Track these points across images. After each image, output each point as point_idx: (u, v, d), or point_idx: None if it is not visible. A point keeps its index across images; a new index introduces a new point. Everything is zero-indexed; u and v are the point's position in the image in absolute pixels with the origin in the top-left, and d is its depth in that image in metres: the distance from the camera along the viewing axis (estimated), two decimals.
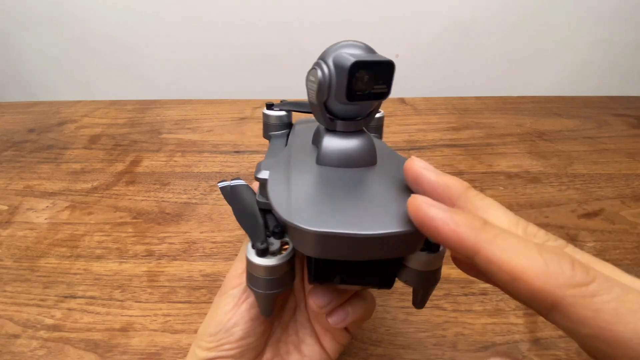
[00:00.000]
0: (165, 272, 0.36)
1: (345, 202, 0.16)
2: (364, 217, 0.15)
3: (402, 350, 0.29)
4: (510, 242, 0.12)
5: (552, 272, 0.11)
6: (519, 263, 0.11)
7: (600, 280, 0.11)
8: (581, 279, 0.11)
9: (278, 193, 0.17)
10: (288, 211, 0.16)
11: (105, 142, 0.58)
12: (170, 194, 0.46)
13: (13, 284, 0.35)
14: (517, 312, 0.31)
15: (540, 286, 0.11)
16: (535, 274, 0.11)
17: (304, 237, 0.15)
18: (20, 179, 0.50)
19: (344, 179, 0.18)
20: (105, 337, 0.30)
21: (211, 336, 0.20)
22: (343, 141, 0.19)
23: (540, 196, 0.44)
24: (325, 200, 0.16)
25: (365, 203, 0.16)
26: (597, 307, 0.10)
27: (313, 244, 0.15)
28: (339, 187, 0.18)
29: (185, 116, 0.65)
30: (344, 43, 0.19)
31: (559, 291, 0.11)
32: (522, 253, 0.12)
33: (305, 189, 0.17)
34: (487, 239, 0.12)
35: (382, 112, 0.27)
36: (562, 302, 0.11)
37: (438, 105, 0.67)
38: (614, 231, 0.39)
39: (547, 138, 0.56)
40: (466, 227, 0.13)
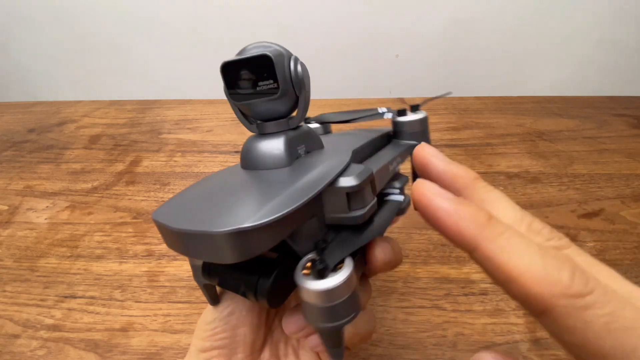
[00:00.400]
0: (165, 272, 0.36)
1: (203, 204, 0.16)
2: (196, 216, 0.15)
3: (402, 350, 0.29)
4: (512, 242, 0.12)
5: (550, 278, 0.11)
6: (517, 265, 0.11)
7: (598, 292, 0.11)
8: (578, 289, 0.11)
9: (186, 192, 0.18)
10: (157, 210, 0.16)
11: (105, 142, 0.58)
12: (170, 194, 0.46)
13: (13, 284, 0.35)
14: (517, 312, 0.31)
15: (536, 291, 0.11)
16: (533, 278, 0.11)
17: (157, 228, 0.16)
18: (20, 179, 0.50)
19: (231, 180, 0.18)
20: (105, 337, 0.30)
21: (207, 324, 0.21)
22: (254, 143, 0.19)
23: (540, 196, 0.44)
24: (190, 201, 0.17)
25: (219, 203, 0.16)
26: (589, 320, 0.10)
27: (160, 233, 0.15)
28: (218, 190, 0.17)
29: (185, 116, 0.65)
30: (249, 46, 0.18)
31: (554, 299, 0.11)
32: (523, 255, 0.11)
33: (192, 191, 0.18)
34: (488, 236, 0.12)
35: (424, 114, 0.24)
36: (554, 309, 0.11)
37: (438, 105, 0.67)
38: (614, 231, 0.39)
39: (547, 138, 0.56)
40: (469, 221, 0.12)
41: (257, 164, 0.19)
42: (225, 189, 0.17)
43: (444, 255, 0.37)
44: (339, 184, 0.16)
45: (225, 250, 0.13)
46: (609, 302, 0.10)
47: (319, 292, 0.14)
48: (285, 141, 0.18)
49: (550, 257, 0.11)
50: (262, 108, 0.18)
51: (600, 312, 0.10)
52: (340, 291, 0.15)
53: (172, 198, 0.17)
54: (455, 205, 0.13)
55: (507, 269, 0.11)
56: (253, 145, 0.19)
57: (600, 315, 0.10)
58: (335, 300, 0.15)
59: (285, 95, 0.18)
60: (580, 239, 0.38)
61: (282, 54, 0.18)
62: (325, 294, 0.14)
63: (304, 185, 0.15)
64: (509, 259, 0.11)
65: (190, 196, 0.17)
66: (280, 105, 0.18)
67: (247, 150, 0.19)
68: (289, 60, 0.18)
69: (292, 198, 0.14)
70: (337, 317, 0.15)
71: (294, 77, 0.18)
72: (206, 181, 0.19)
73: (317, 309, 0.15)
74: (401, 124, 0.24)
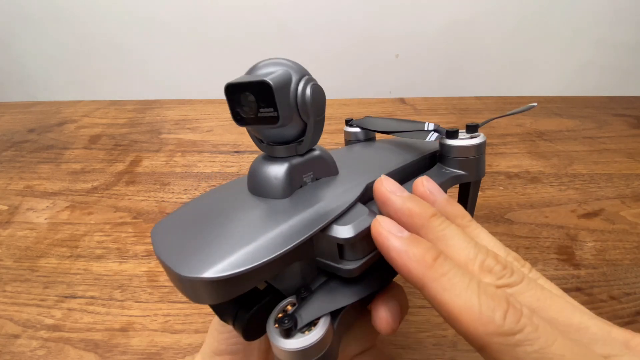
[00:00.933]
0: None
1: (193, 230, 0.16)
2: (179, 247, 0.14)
3: (402, 350, 0.29)
4: (453, 283, 0.12)
5: (483, 318, 0.12)
6: (456, 305, 0.12)
7: (528, 330, 0.11)
8: (509, 328, 0.11)
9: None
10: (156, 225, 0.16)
11: (105, 142, 0.58)
12: (170, 194, 0.46)
13: (13, 284, 0.35)
14: None
15: (472, 330, 0.12)
16: (469, 317, 0.12)
17: None
18: (20, 179, 0.50)
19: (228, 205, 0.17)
20: (105, 337, 0.30)
21: (224, 326, 0.20)
22: (259, 166, 0.18)
23: (540, 196, 0.44)
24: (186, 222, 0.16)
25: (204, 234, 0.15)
26: (520, 356, 0.11)
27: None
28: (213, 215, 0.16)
29: (185, 116, 0.65)
30: (261, 63, 0.17)
31: (487, 337, 0.11)
32: (462, 295, 0.12)
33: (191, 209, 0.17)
34: (432, 276, 0.13)
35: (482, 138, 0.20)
36: (489, 347, 0.11)
37: (438, 105, 0.67)
38: (614, 231, 0.39)
39: (547, 138, 0.56)
40: (416, 262, 0.13)
41: (258, 190, 0.18)
42: (218, 216, 0.16)
43: None
44: (331, 233, 0.15)
45: (194, 292, 0.13)
46: (538, 339, 0.11)
47: (283, 351, 0.14)
48: (287, 170, 0.17)
49: (486, 297, 0.12)
50: (269, 132, 0.17)
51: (530, 349, 0.11)
52: (309, 353, 0.14)
53: (173, 213, 0.17)
54: (405, 245, 0.13)
55: (448, 307, 0.12)
56: (257, 168, 0.18)
57: (530, 352, 0.11)
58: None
59: (288, 124, 0.16)
60: (580, 239, 0.38)
61: (288, 77, 0.16)
62: (290, 354, 0.14)
63: (291, 228, 0.14)
64: (449, 299, 0.12)
65: (187, 215, 0.17)
66: (287, 131, 0.17)
67: (252, 171, 0.18)
68: (297, 85, 0.16)
69: (271, 246, 0.13)
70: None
71: (301, 104, 0.16)
72: (210, 197, 0.18)
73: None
74: (448, 148, 0.20)
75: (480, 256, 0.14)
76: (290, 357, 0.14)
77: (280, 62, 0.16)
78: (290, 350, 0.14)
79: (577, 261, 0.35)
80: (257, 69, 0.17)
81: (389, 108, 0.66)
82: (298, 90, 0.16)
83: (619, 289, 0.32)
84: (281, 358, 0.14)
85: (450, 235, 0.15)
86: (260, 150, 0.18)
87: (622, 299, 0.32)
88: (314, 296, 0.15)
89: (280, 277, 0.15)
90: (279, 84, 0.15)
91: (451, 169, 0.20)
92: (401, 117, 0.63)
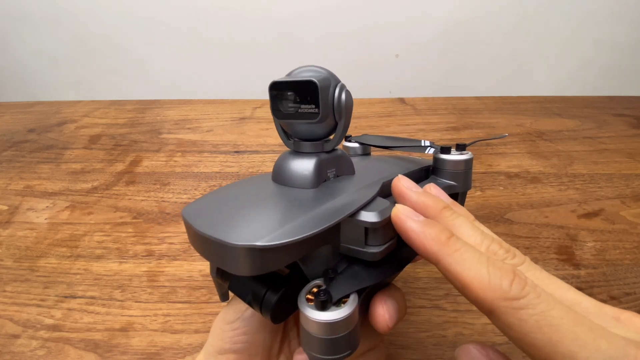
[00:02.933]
0: (165, 272, 0.36)
1: (229, 210, 0.17)
2: (218, 222, 0.15)
3: (402, 350, 0.29)
4: (464, 258, 0.14)
5: (492, 285, 0.13)
6: (468, 275, 0.14)
7: (531, 296, 0.13)
8: (514, 294, 0.13)
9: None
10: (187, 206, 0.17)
11: (105, 142, 0.58)
12: (170, 194, 0.46)
13: (13, 284, 0.35)
14: None
15: (482, 296, 0.13)
16: (479, 285, 0.13)
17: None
18: (20, 179, 0.50)
19: (258, 194, 0.19)
20: (105, 337, 0.30)
21: (228, 324, 0.21)
22: (288, 159, 0.19)
23: (540, 196, 0.44)
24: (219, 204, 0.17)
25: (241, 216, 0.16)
26: (523, 318, 0.13)
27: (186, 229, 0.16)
28: (245, 200, 0.18)
29: (185, 116, 0.65)
30: (300, 69, 0.19)
31: (495, 302, 0.13)
32: (473, 268, 0.14)
33: (223, 193, 0.19)
34: (447, 252, 0.15)
35: (470, 155, 0.23)
36: (496, 310, 0.13)
37: (438, 105, 0.67)
38: (614, 231, 0.39)
39: (547, 138, 0.56)
40: (432, 241, 0.15)
41: (286, 180, 0.19)
42: (252, 199, 0.18)
43: None
44: (359, 217, 0.16)
45: (237, 263, 0.14)
46: (540, 304, 0.13)
47: (318, 322, 0.15)
48: (317, 163, 0.19)
49: (494, 268, 0.14)
50: (302, 128, 0.19)
51: (532, 312, 0.13)
52: (340, 327, 0.15)
53: (205, 196, 0.18)
54: (422, 226, 0.15)
55: (461, 278, 0.14)
56: (286, 161, 0.19)
57: (532, 315, 0.12)
58: (333, 335, 0.15)
59: (324, 121, 0.18)
60: (580, 239, 0.38)
61: (328, 81, 0.18)
62: (324, 326, 0.15)
63: (324, 212, 0.16)
64: (462, 270, 0.14)
65: (220, 198, 0.18)
66: (319, 128, 0.19)
67: (279, 164, 0.20)
68: (334, 88, 0.18)
69: (310, 224, 0.15)
70: (332, 351, 0.15)
71: (336, 105, 0.18)
72: (238, 186, 0.20)
73: (314, 339, 0.15)
74: (442, 162, 0.23)
75: (486, 241, 0.16)
76: (324, 329, 0.15)
77: (318, 69, 0.19)
78: (326, 321, 0.15)
79: (577, 261, 0.35)
80: (298, 73, 0.19)
81: (389, 108, 0.66)
82: (335, 93, 0.18)
83: (619, 289, 0.33)
84: (313, 332, 0.15)
85: (459, 224, 0.16)
86: (287, 146, 0.20)
87: (622, 299, 0.32)
88: (342, 276, 0.16)
89: (309, 260, 0.16)
90: (323, 85, 0.17)
91: (444, 180, 0.23)
92: (401, 117, 0.63)
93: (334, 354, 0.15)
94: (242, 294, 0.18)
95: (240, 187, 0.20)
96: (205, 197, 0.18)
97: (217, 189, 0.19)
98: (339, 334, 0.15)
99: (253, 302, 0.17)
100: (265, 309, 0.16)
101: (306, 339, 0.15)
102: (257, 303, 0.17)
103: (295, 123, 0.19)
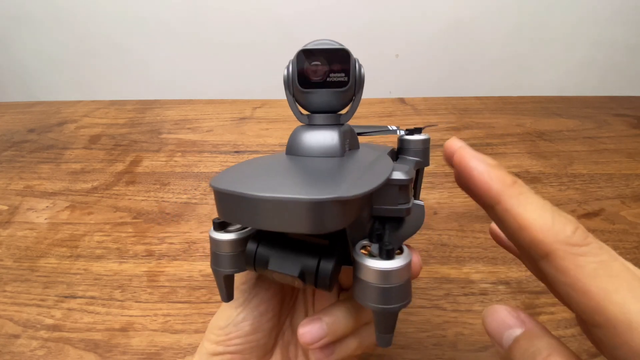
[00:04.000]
0: (165, 272, 0.36)
1: (267, 175, 0.17)
2: (273, 186, 0.15)
3: (402, 350, 0.29)
4: (530, 200, 0.14)
5: (555, 229, 0.13)
6: (530, 216, 0.14)
7: (594, 245, 0.13)
8: (577, 240, 0.13)
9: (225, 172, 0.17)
10: (215, 178, 0.16)
11: (105, 142, 0.58)
12: (170, 194, 0.46)
13: (13, 284, 0.35)
14: None
15: (542, 237, 0.13)
16: (541, 227, 0.13)
17: (215, 196, 0.15)
18: (20, 179, 0.50)
19: (290, 162, 0.19)
20: (105, 337, 0.30)
21: (220, 329, 0.21)
22: (307, 133, 0.20)
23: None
24: (253, 173, 0.17)
25: (285, 178, 0.16)
26: (581, 264, 0.12)
27: (218, 202, 0.15)
28: (277, 166, 0.18)
29: (185, 116, 0.65)
30: (315, 41, 0.19)
31: (555, 244, 0.13)
32: (537, 210, 0.14)
33: (247, 165, 0.18)
34: (511, 193, 0.14)
35: (427, 135, 0.26)
36: (554, 253, 0.13)
37: (438, 105, 0.67)
38: (614, 231, 0.39)
39: (547, 138, 0.56)
40: (498, 180, 0.15)
41: (310, 151, 0.19)
42: (288, 166, 0.18)
43: (444, 255, 0.37)
44: (393, 177, 0.17)
45: (313, 219, 0.13)
46: (601, 254, 0.13)
47: (387, 271, 0.15)
48: (341, 133, 0.19)
49: (558, 215, 0.14)
50: (323, 99, 0.19)
51: (592, 260, 0.12)
52: (403, 273, 0.15)
53: (228, 170, 0.17)
54: (488, 167, 0.15)
55: (522, 218, 0.14)
56: (308, 133, 0.20)
57: (592, 262, 0.12)
58: (397, 282, 0.15)
59: (348, 91, 0.19)
60: None
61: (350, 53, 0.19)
62: (392, 273, 0.15)
63: (372, 171, 0.17)
64: (525, 211, 0.14)
65: (249, 170, 0.17)
66: (341, 99, 0.20)
67: (300, 137, 0.20)
68: (354, 61, 0.19)
69: (369, 179, 0.15)
70: (396, 300, 0.15)
71: (358, 77, 0.19)
72: (255, 161, 0.19)
73: (379, 290, 0.15)
74: (409, 142, 0.26)
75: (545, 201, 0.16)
76: (391, 277, 0.15)
77: (335, 42, 0.19)
78: (394, 268, 0.15)
79: None
80: (318, 44, 0.19)
81: (389, 108, 0.66)
82: (356, 65, 0.19)
83: None
84: (377, 282, 0.15)
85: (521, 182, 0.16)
86: (300, 121, 0.21)
87: None
88: (388, 232, 0.17)
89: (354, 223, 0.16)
90: (351, 54, 0.18)
91: (412, 158, 0.25)
92: (401, 117, 0.63)
93: (399, 302, 0.16)
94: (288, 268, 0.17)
95: (262, 161, 0.19)
96: (231, 170, 0.17)
97: (234, 166, 0.18)
98: (402, 281, 0.15)
99: (306, 274, 0.16)
100: (322, 276, 0.16)
101: (367, 292, 0.16)
102: (311, 274, 0.16)
103: (319, 93, 0.19)
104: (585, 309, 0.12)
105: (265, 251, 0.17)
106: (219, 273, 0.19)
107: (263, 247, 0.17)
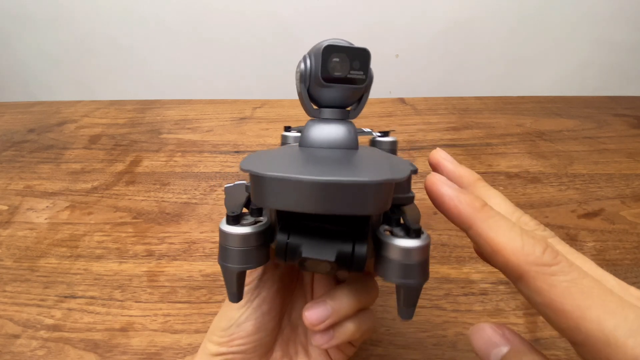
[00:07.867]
0: (165, 272, 0.36)
1: (305, 162, 0.17)
2: (316, 169, 0.15)
3: (402, 350, 0.29)
4: (499, 224, 0.15)
5: (525, 251, 0.14)
6: (501, 240, 0.14)
7: (563, 264, 0.13)
8: (547, 260, 0.13)
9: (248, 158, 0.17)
10: (245, 162, 0.15)
11: (105, 142, 0.58)
12: (170, 194, 0.46)
13: (13, 284, 0.35)
14: (517, 312, 0.31)
15: (513, 260, 0.14)
16: (512, 250, 0.14)
17: (254, 182, 0.15)
18: (20, 179, 0.50)
19: (314, 151, 0.19)
20: (105, 337, 0.30)
21: (223, 331, 0.21)
22: (324, 126, 0.20)
23: (540, 196, 0.44)
24: (286, 159, 0.17)
25: (326, 164, 0.17)
26: (553, 283, 0.13)
27: (258, 188, 0.15)
28: (306, 155, 0.18)
29: (185, 116, 0.65)
30: (329, 39, 0.20)
31: (527, 266, 0.13)
32: (506, 233, 0.14)
33: (273, 154, 0.18)
34: (481, 218, 0.15)
35: (395, 138, 0.27)
36: (527, 274, 0.13)
37: (438, 105, 0.67)
38: (614, 231, 0.39)
39: (547, 138, 0.56)
40: (467, 205, 0.15)
41: (330, 143, 0.20)
42: (321, 155, 0.18)
43: (444, 255, 0.37)
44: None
45: (375, 200, 0.14)
46: (571, 272, 0.13)
47: (417, 248, 0.16)
48: (353, 127, 0.20)
49: (527, 237, 0.14)
50: (336, 95, 0.20)
51: (563, 278, 0.13)
52: (426, 251, 0.16)
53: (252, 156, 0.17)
54: (457, 192, 0.16)
55: (493, 243, 0.14)
56: (326, 126, 0.20)
57: (563, 281, 0.13)
58: (423, 258, 0.16)
59: (362, 88, 0.20)
60: (580, 239, 0.38)
61: None
62: (421, 250, 0.16)
63: (396, 161, 0.18)
64: (495, 236, 0.14)
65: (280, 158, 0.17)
66: (352, 97, 0.20)
67: (318, 129, 0.20)
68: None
69: (402, 167, 0.16)
70: (421, 275, 0.16)
71: (370, 77, 0.20)
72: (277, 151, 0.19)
73: (408, 266, 0.16)
74: (380, 143, 0.27)
75: (517, 213, 0.17)
76: (420, 253, 0.16)
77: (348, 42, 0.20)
78: (423, 245, 0.16)
79: None
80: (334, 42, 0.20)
81: (389, 108, 0.66)
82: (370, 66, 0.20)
83: None
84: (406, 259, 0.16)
85: (493, 195, 0.18)
86: (311, 115, 0.21)
87: None
88: (407, 216, 0.18)
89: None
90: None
91: None
92: (401, 117, 0.63)
93: (423, 277, 0.16)
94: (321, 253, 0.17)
95: (281, 151, 0.19)
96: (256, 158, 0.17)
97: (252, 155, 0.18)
98: (426, 258, 0.16)
99: (341, 258, 0.17)
100: (358, 258, 0.17)
101: (396, 269, 0.16)
102: (346, 257, 0.17)
103: (337, 88, 0.20)
104: (564, 327, 0.13)
105: (297, 240, 0.17)
106: (231, 270, 0.18)
107: (294, 237, 0.17)
